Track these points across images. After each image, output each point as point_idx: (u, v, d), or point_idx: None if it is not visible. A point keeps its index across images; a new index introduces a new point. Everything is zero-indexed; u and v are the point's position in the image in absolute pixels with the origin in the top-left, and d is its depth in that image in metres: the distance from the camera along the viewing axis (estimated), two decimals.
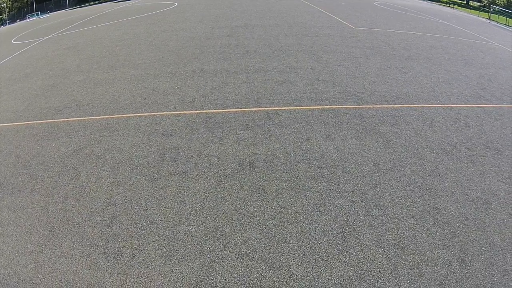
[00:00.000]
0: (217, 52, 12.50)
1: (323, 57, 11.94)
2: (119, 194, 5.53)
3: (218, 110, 7.74)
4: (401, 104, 8.60)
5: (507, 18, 30.32)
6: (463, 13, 38.90)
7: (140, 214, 5.15)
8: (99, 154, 6.53)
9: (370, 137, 6.78)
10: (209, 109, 7.67)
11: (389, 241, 4.70)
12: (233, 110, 7.61)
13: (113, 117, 7.94)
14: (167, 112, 7.85)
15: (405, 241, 4.72)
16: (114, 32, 18.52)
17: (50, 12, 42.45)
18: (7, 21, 39.84)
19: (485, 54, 15.24)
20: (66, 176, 6.05)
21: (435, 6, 42.00)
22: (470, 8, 43.65)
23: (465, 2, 49.04)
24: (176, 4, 28.16)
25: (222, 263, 4.45)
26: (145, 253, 4.64)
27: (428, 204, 5.33)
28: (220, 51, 12.56)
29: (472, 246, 4.74)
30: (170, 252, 4.63)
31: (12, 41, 22.31)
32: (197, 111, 7.78)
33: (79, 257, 4.65)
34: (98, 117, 8.03)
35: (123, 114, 8.02)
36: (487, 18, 32.62)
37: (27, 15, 39.69)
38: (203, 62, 11.41)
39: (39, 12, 40.22)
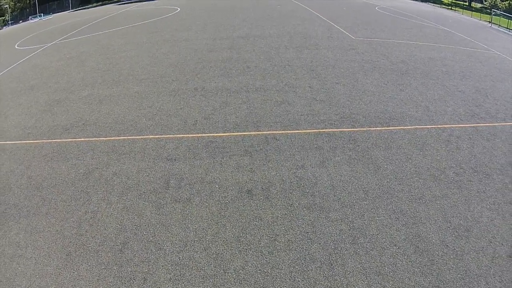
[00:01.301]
0: (218, 67, 12.95)
1: (321, 74, 12.35)
2: (129, 220, 6.05)
3: (219, 134, 8.23)
4: (395, 126, 9.03)
5: (509, 21, 30.32)
6: (465, 16, 38.88)
7: (149, 240, 5.66)
8: (108, 179, 7.05)
9: (361, 164, 7.24)
10: (211, 133, 8.16)
11: (371, 269, 5.18)
12: (234, 134, 8.10)
13: (119, 139, 8.45)
14: (171, 135, 8.35)
15: (386, 268, 5.21)
16: (117, 41, 18.97)
17: (52, 13, 42.72)
18: (9, 22, 40.24)
19: (484, 65, 15.56)
20: (78, 200, 6.57)
21: (437, 9, 41.95)
22: (472, 11, 43.56)
23: (467, 4, 48.87)
24: (178, 9, 28.54)
25: (223, 287, 4.96)
26: (155, 277, 5.16)
27: (411, 232, 5.80)
28: (221, 67, 13.01)
29: (448, 273, 5.21)
30: (177, 276, 5.15)
31: (16, 46, 22.77)
32: (199, 135, 8.28)
33: (96, 280, 5.18)
34: (105, 139, 8.55)
35: (128, 136, 8.52)
36: (488, 22, 32.69)
37: (30, 17, 40.03)
38: (205, 79, 11.88)
39: (42, 14, 40.53)
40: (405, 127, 9.06)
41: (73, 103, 10.95)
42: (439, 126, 9.32)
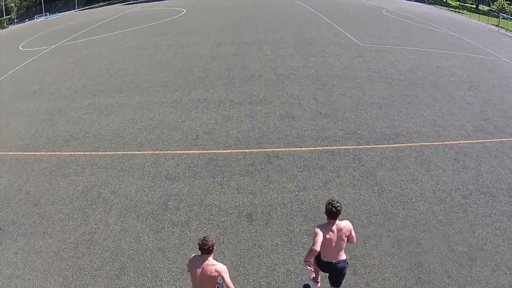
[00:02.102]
0: (222, 76, 12.81)
1: (327, 84, 12.13)
2: (126, 243, 5.95)
3: (220, 151, 8.09)
4: (401, 143, 8.80)
5: None
6: (472, 19, 38.22)
7: (146, 266, 5.55)
8: (106, 198, 6.96)
9: (366, 185, 7.05)
10: (212, 149, 8.02)
11: None
12: (235, 151, 7.95)
13: (118, 154, 8.36)
14: (171, 152, 8.23)
15: None
16: (122, 45, 18.92)
17: (58, 12, 42.93)
18: (15, 21, 40.55)
19: (492, 73, 15.19)
20: (76, 220, 6.49)
21: (444, 12, 41.32)
22: (480, 13, 42.84)
23: (474, 7, 48.09)
24: (184, 11, 28.41)
25: None
26: None
27: (414, 262, 5.60)
28: (225, 75, 12.86)
29: None
30: None
31: (20, 47, 22.85)
32: (200, 151, 8.15)
33: None
34: (104, 153, 8.47)
35: (128, 151, 8.43)
36: (496, 25, 32.13)
37: (35, 16, 40.32)
38: (208, 89, 11.74)
39: (48, 13, 40.74)
40: (412, 144, 8.83)
41: (74, 113, 10.90)
42: (446, 142, 9.06)
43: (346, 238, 4.33)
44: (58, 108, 11.43)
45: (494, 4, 43.30)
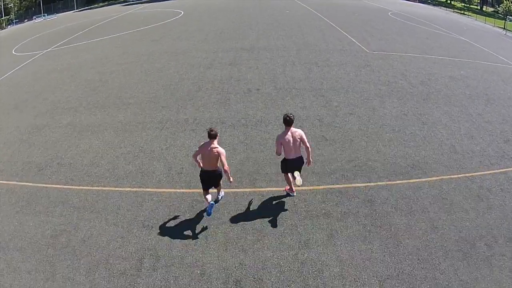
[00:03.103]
0: (216, 90, 11.66)
1: (333, 100, 10.96)
2: None
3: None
4: (418, 178, 7.63)
5: None
6: (479, 22, 36.93)
7: None
8: (76, 248, 5.89)
9: (379, 238, 5.93)
10: (198, 188, 6.88)
11: None
12: (225, 190, 6.83)
13: (92, 190, 7.27)
14: (151, 189, 7.11)
15: None
16: (115, 50, 17.85)
17: (57, 13, 42.35)
18: (14, 21, 39.91)
19: (507, 84, 14.08)
20: (43, 273, 5.42)
21: (450, 14, 40.00)
22: (484, 15, 41.71)
23: (479, 8, 46.84)
24: (182, 13, 27.18)
25: None
26: None
27: None
28: (219, 89, 11.70)
29: None
30: None
31: (13, 51, 21.95)
32: (184, 190, 7.02)
33: None
34: (78, 187, 7.39)
35: (103, 186, 7.34)
36: (503, 28, 31.03)
37: (34, 16, 39.79)
38: (198, 107, 10.60)
39: (46, 14, 40.14)
40: (430, 179, 7.68)
41: (53, 132, 9.85)
42: (467, 174, 7.92)
43: (299, 141, 6.06)
44: (38, 126, 10.41)
45: (500, 6, 42.13)
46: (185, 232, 6.08)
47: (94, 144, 8.98)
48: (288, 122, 6.02)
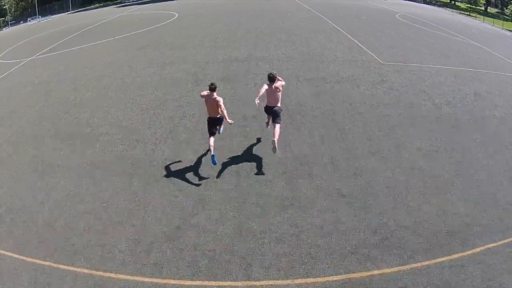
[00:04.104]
0: (202, 119, 9.49)
1: (348, 132, 8.90)
2: None
3: (184, 282, 5.04)
4: (460, 251, 5.68)
5: None
6: (486, 24, 35.28)
7: None
8: None
9: None
10: (172, 276, 5.01)
11: None
12: (207, 284, 4.92)
13: (44, 265, 5.37)
14: (111, 275, 5.21)
15: None
16: (100, 59, 15.97)
17: (51, 15, 41.20)
18: (9, 23, 38.54)
19: None
20: None
21: (455, 16, 38.29)
22: (489, 16, 40.45)
23: (483, 9, 45.31)
24: (177, 15, 25.06)
25: None
26: None
27: None
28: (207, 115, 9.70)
29: None
30: None
31: None
32: (153, 280, 5.11)
33: None
34: (30, 260, 5.46)
35: (56, 262, 5.40)
36: (511, 31, 29.84)
37: (28, 18, 38.63)
38: (179, 143, 8.58)
39: (39, 16, 38.96)
40: (474, 251, 5.73)
41: (9, 174, 7.99)
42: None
43: (279, 92, 7.60)
44: None
45: (508, 8, 40.57)
46: None
47: (51, 196, 6.91)
48: (270, 79, 7.45)
